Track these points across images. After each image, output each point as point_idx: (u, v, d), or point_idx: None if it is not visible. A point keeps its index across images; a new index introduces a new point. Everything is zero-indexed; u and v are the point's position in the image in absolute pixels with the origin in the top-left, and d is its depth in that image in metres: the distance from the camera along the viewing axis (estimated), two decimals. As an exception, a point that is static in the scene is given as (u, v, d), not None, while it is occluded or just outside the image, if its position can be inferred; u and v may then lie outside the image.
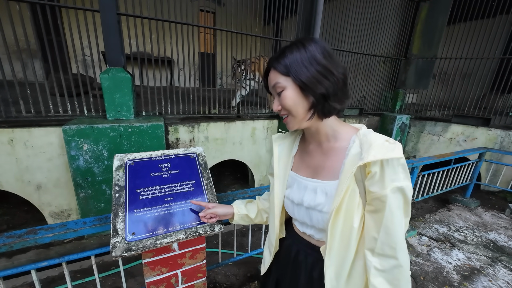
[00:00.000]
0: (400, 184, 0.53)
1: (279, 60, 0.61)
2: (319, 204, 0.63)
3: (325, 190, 0.63)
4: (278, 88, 0.61)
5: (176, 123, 2.63)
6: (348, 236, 0.59)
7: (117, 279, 1.88)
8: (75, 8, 2.01)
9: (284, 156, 0.75)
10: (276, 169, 0.75)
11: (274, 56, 0.63)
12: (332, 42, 3.67)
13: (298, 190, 0.69)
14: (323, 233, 0.67)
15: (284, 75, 0.60)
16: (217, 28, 2.81)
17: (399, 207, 0.54)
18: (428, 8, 4.15)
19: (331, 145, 0.66)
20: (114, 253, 0.78)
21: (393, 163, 0.54)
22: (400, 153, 0.53)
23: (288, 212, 0.76)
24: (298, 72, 0.58)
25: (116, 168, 0.99)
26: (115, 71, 2.16)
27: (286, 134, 0.79)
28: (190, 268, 1.00)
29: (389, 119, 4.26)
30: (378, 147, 0.54)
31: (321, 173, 0.66)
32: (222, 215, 0.89)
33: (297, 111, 0.61)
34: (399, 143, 0.57)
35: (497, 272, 2.03)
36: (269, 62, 0.64)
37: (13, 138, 2.03)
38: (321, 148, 0.68)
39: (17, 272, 0.98)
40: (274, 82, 0.62)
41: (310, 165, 0.69)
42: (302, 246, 0.73)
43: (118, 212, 0.88)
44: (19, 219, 2.73)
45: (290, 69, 0.59)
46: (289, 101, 0.60)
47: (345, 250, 0.60)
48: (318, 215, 0.64)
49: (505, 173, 3.35)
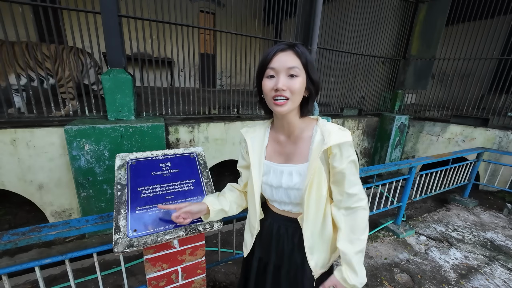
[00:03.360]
0: (352, 158, 0.73)
1: (301, 50, 0.70)
2: (296, 183, 0.76)
3: (299, 171, 0.77)
4: (294, 71, 0.69)
5: (177, 124, 2.65)
6: (319, 203, 0.76)
7: (118, 278, 1.90)
8: (77, 10, 2.03)
9: (257, 147, 0.84)
10: (252, 160, 0.83)
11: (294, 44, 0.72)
12: (332, 43, 3.69)
13: (275, 175, 0.80)
14: (299, 206, 0.81)
15: (303, 65, 0.70)
16: (217, 30, 2.84)
17: (353, 173, 0.74)
18: (426, 9, 4.17)
19: (300, 135, 0.79)
20: (117, 249, 0.80)
21: (345, 145, 0.72)
22: (350, 137, 0.71)
23: (266, 196, 0.87)
24: (311, 70, 0.71)
25: (118, 167, 1.01)
26: (116, 72, 2.18)
27: (255, 128, 0.89)
28: (190, 264, 1.03)
29: (388, 120, 4.29)
30: (335, 134, 0.70)
31: (293, 159, 0.79)
32: (196, 212, 0.86)
33: (298, 98, 0.72)
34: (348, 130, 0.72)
35: (494, 271, 2.05)
36: (283, 45, 0.71)
37: (16, 139, 2.06)
38: (290, 139, 0.80)
39: (22, 268, 1.00)
40: (293, 65, 0.69)
41: (282, 153, 0.82)
42: (282, 222, 0.87)
43: (120, 210, 0.90)
44: (20, 218, 2.76)
45: (308, 64, 0.70)
46: (299, 87, 0.69)
47: (317, 214, 0.77)
48: (295, 192, 0.78)
49: (503, 173, 3.37)
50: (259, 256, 0.93)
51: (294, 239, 0.85)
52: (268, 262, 0.91)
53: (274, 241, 0.88)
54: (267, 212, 0.91)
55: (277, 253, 0.88)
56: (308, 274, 0.82)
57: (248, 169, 0.87)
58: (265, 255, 0.91)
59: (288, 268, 0.87)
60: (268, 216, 0.90)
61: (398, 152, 4.54)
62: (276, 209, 0.87)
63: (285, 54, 0.69)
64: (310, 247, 0.80)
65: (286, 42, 0.72)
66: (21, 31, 2.04)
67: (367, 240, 2.51)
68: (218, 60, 6.07)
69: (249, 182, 0.88)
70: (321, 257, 0.82)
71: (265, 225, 0.90)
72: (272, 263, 0.89)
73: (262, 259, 0.92)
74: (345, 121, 4.02)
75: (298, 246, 0.84)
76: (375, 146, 4.61)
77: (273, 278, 0.90)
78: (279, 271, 0.88)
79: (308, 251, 0.80)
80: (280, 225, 0.87)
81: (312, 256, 0.80)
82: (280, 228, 0.87)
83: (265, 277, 0.91)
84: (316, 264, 0.81)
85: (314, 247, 0.80)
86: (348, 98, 4.23)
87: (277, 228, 0.87)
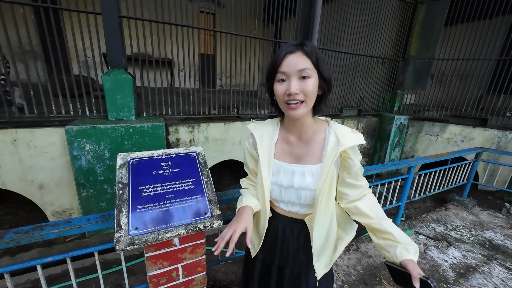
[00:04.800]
0: (360, 157, 0.77)
1: (310, 49, 0.67)
2: (309, 184, 0.76)
3: (311, 172, 0.76)
4: (306, 73, 0.66)
5: (177, 124, 2.67)
6: (328, 204, 0.77)
7: (118, 277, 1.91)
8: (77, 11, 2.05)
9: (266, 145, 0.81)
10: (261, 157, 0.80)
11: (302, 42, 0.68)
12: (331, 44, 3.71)
13: (286, 175, 0.79)
14: (307, 207, 0.81)
15: (314, 65, 0.67)
16: (217, 30, 2.85)
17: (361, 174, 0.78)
18: (425, 10, 4.19)
19: (312, 136, 0.78)
20: (118, 246, 0.82)
21: (356, 147, 0.74)
22: (363, 139, 0.73)
23: (273, 196, 0.83)
24: (322, 67, 0.69)
25: (119, 166, 1.02)
26: (116, 72, 2.20)
27: (263, 124, 0.85)
28: (190, 262, 1.04)
29: (388, 120, 4.30)
30: (350, 136, 0.72)
31: (304, 159, 0.78)
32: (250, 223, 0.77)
33: (312, 100, 0.70)
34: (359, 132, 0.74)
35: (492, 270, 2.06)
36: (292, 46, 0.68)
37: (17, 139, 2.07)
38: (301, 139, 0.79)
39: (24, 267, 1.01)
40: (304, 67, 0.66)
41: (292, 153, 0.80)
42: (287, 223, 0.87)
43: (121, 208, 0.91)
44: (21, 218, 2.77)
45: (319, 63, 0.68)
46: (312, 89, 0.67)
47: (325, 215, 0.78)
48: (307, 193, 0.77)
49: (501, 173, 3.38)
50: (262, 257, 0.93)
51: (299, 240, 0.85)
52: (271, 263, 0.90)
53: (279, 242, 0.88)
54: (272, 212, 0.90)
55: (281, 254, 0.88)
56: (312, 274, 0.83)
57: (257, 166, 0.86)
58: (268, 256, 0.91)
59: (292, 269, 0.87)
60: (273, 218, 0.89)
61: (397, 152, 4.55)
62: (281, 210, 0.86)
63: (294, 56, 0.66)
64: (318, 248, 0.80)
65: (294, 43, 0.69)
66: (22, 31, 2.06)
67: (367, 239, 2.51)
68: (218, 61, 6.09)
69: (258, 180, 0.85)
70: (326, 258, 0.83)
71: (272, 223, 0.89)
72: (276, 264, 0.89)
73: (266, 261, 0.92)
74: (345, 121, 4.03)
75: (303, 247, 0.85)
76: (374, 146, 4.62)
77: (277, 279, 0.90)
78: (283, 272, 0.88)
79: (315, 253, 0.80)
80: (285, 226, 0.87)
81: (318, 257, 0.81)
82: (286, 229, 0.86)
83: (269, 278, 0.91)
84: (320, 265, 0.82)
85: (322, 248, 0.82)
86: (347, 98, 4.24)
87: (283, 229, 0.87)
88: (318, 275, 0.82)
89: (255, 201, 0.84)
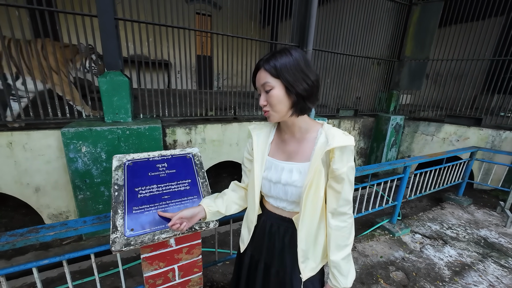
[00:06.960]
0: (351, 164, 0.75)
1: (269, 63, 0.72)
2: (295, 181, 0.78)
3: (299, 169, 0.79)
4: (267, 86, 0.73)
5: (174, 125, 2.67)
6: (316, 203, 0.77)
7: (115, 279, 1.90)
8: (73, 13, 2.05)
9: (262, 144, 0.87)
10: (255, 155, 0.86)
11: (264, 58, 0.75)
12: (327, 45, 3.74)
13: (276, 171, 0.83)
14: (294, 204, 0.83)
15: (273, 76, 0.72)
16: (214, 32, 2.87)
17: (351, 182, 0.76)
18: (420, 11, 4.24)
19: (303, 135, 0.82)
20: (114, 247, 0.82)
21: (347, 149, 0.74)
22: (353, 142, 0.73)
23: (264, 191, 0.88)
24: (286, 76, 0.71)
25: (115, 168, 1.03)
26: (113, 74, 2.20)
27: (263, 125, 0.92)
28: (186, 263, 1.04)
29: (384, 120, 4.34)
30: (339, 137, 0.73)
31: (295, 157, 0.82)
32: (189, 216, 0.86)
33: (280, 108, 0.74)
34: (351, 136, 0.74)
35: (487, 267, 2.08)
36: (259, 63, 0.76)
37: (12, 141, 2.06)
38: (294, 138, 0.83)
39: (20, 269, 1.01)
40: (264, 81, 0.73)
41: (285, 151, 0.85)
42: (275, 220, 0.89)
43: (117, 210, 0.92)
44: (17, 221, 2.75)
45: (280, 72, 0.71)
46: (275, 99, 0.73)
47: (313, 215, 0.79)
48: (293, 190, 0.79)
49: (496, 172, 3.42)
50: (250, 253, 0.95)
51: (285, 238, 0.87)
52: (259, 259, 0.92)
53: (266, 239, 0.90)
54: (263, 210, 0.93)
55: (268, 252, 0.90)
56: (297, 276, 0.84)
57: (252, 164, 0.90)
58: (256, 252, 0.93)
59: (278, 269, 0.88)
60: (263, 214, 0.92)
61: (394, 152, 4.59)
62: (271, 206, 0.90)
63: (258, 73, 0.75)
64: (304, 249, 0.81)
65: (263, 58, 0.75)
66: (18, 34, 2.05)
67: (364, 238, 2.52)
68: (214, 62, 6.10)
69: (250, 176, 0.90)
70: (313, 262, 0.84)
71: (261, 220, 0.92)
72: (263, 261, 0.91)
73: (254, 256, 0.94)
74: (341, 121, 4.06)
75: (288, 247, 0.86)
76: (371, 146, 4.65)
77: (263, 277, 0.91)
78: (269, 270, 0.90)
79: (301, 253, 0.81)
80: (272, 223, 0.89)
81: (304, 259, 0.82)
82: (273, 225, 0.89)
83: (256, 275, 0.93)
84: (306, 266, 0.83)
85: (308, 251, 0.82)
86: (344, 99, 4.27)
87: (270, 225, 0.90)
88: (303, 277, 0.83)
89: (213, 204, 0.92)
